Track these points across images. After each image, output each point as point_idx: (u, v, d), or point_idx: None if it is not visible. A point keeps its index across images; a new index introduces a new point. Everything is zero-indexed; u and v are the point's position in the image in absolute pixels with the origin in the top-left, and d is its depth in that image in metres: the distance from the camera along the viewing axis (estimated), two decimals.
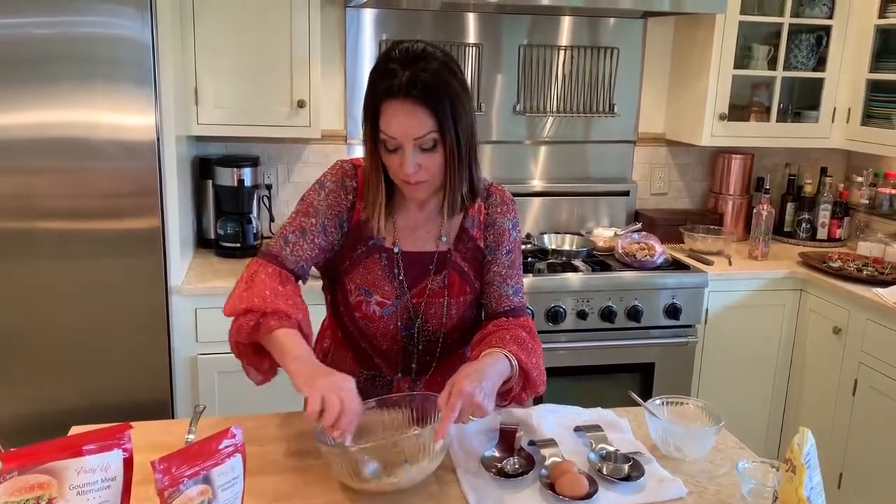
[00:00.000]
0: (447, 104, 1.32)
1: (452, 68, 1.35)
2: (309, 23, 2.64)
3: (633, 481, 1.32)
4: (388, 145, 1.36)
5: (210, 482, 1.04)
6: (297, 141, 3.01)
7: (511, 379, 1.40)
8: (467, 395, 1.25)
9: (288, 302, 1.37)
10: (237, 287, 1.43)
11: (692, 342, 2.84)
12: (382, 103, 1.33)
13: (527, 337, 1.47)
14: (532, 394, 1.48)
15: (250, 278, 1.42)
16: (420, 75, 1.30)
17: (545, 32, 3.14)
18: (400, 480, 1.23)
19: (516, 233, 1.56)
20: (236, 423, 1.14)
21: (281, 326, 1.34)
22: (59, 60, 2.14)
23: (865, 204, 3.26)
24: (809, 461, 1.14)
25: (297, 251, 1.45)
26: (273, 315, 1.35)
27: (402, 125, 1.32)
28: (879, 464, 2.61)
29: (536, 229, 3.24)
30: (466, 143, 1.37)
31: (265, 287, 1.38)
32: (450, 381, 1.30)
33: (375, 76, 1.35)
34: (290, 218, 1.49)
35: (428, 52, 1.34)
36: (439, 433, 1.22)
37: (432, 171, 1.37)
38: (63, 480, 0.98)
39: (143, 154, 2.25)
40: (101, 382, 2.35)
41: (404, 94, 1.30)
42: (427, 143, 1.34)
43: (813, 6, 3.07)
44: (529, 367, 1.43)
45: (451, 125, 1.33)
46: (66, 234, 2.25)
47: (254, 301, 1.36)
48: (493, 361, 1.37)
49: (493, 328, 1.50)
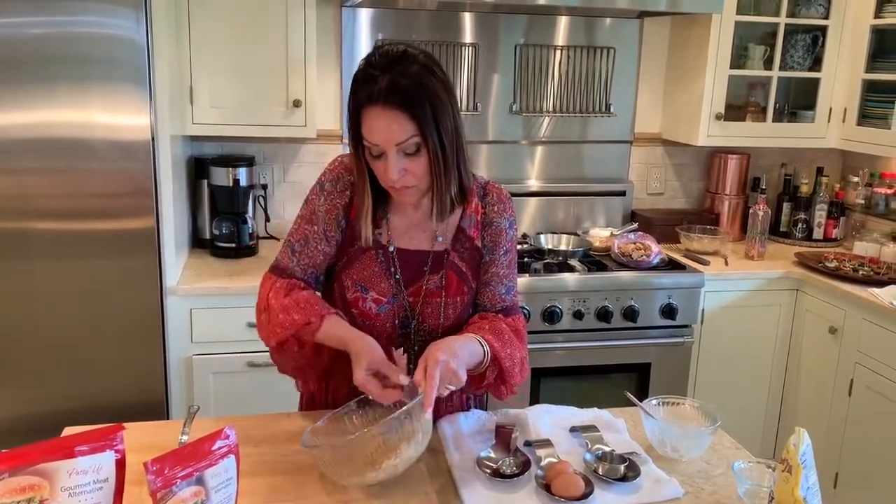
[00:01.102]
0: (427, 108, 1.32)
1: (433, 69, 1.34)
2: (305, 22, 2.64)
3: (629, 482, 1.31)
4: (373, 151, 1.36)
5: (203, 483, 1.03)
6: (292, 141, 3.01)
7: (483, 363, 1.40)
8: (442, 362, 1.27)
9: (300, 306, 1.41)
10: (259, 316, 1.48)
11: (688, 342, 2.84)
12: (363, 110, 1.33)
13: (506, 329, 1.48)
14: (508, 388, 1.47)
15: (267, 306, 1.45)
16: (399, 81, 1.30)
17: (541, 32, 3.13)
18: (403, 458, 1.23)
19: (513, 232, 1.56)
20: (230, 423, 1.13)
21: (314, 332, 1.39)
22: (53, 60, 2.13)
23: (861, 204, 3.26)
24: (806, 461, 1.14)
25: (304, 261, 1.49)
26: (301, 331, 1.39)
27: (383, 132, 1.32)
28: (875, 463, 2.61)
29: (533, 229, 3.24)
30: (451, 145, 1.37)
31: (278, 311, 1.42)
32: (422, 357, 1.31)
33: (356, 82, 1.35)
34: (296, 223, 1.51)
35: (408, 54, 1.33)
36: (426, 404, 1.23)
37: (418, 176, 1.37)
38: (55, 482, 0.98)
39: (137, 154, 2.24)
40: (95, 383, 2.34)
41: (384, 100, 1.30)
42: (410, 147, 1.33)
43: (809, 6, 3.07)
44: (502, 356, 1.42)
45: (433, 128, 1.33)
46: (61, 234, 2.24)
47: (277, 332, 1.41)
48: (463, 339, 1.39)
49: (476, 319, 1.52)
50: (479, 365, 1.40)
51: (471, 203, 1.51)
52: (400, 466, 1.23)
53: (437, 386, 1.25)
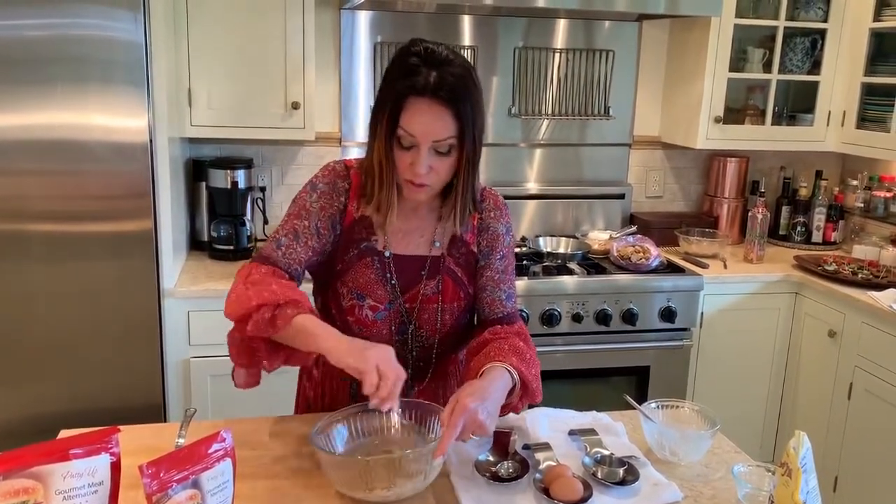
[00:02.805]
0: (470, 111, 1.32)
1: (474, 76, 1.35)
2: (303, 24, 2.63)
3: (628, 485, 1.31)
4: (403, 142, 1.34)
5: (199, 487, 1.03)
6: (291, 143, 3.00)
7: (513, 392, 1.40)
8: (471, 412, 1.24)
9: (296, 291, 1.35)
10: (235, 289, 1.38)
11: (687, 345, 2.83)
12: (407, 99, 1.31)
13: (524, 347, 1.47)
14: (528, 402, 1.47)
15: (247, 277, 1.39)
16: (447, 78, 1.30)
17: (540, 35, 3.13)
18: (398, 492, 1.21)
19: (510, 237, 1.55)
20: (227, 426, 1.13)
21: (298, 313, 1.31)
22: (51, 62, 2.13)
23: (860, 207, 3.26)
24: (805, 465, 1.13)
25: (289, 254, 1.43)
26: (287, 305, 1.31)
27: (426, 125, 1.31)
28: (875, 467, 2.60)
29: (531, 232, 3.24)
30: (479, 152, 1.38)
31: (269, 283, 1.35)
32: (453, 396, 1.29)
33: (398, 71, 1.33)
34: (283, 221, 1.47)
35: (451, 57, 1.33)
36: (439, 450, 1.21)
37: (442, 176, 1.37)
38: (49, 485, 0.97)
39: (135, 156, 2.23)
40: (92, 386, 2.33)
41: (431, 93, 1.29)
42: (443, 147, 1.33)
43: (808, 9, 3.07)
44: (529, 378, 1.42)
45: (471, 131, 1.33)
46: (58, 236, 2.23)
47: (263, 295, 1.32)
48: (496, 377, 1.35)
49: (489, 336, 1.49)
50: (510, 395, 1.39)
51: (475, 212, 1.51)
52: (391, 497, 1.22)
53: (458, 434, 1.23)
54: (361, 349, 1.26)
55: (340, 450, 1.30)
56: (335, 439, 1.31)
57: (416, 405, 1.37)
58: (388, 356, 1.26)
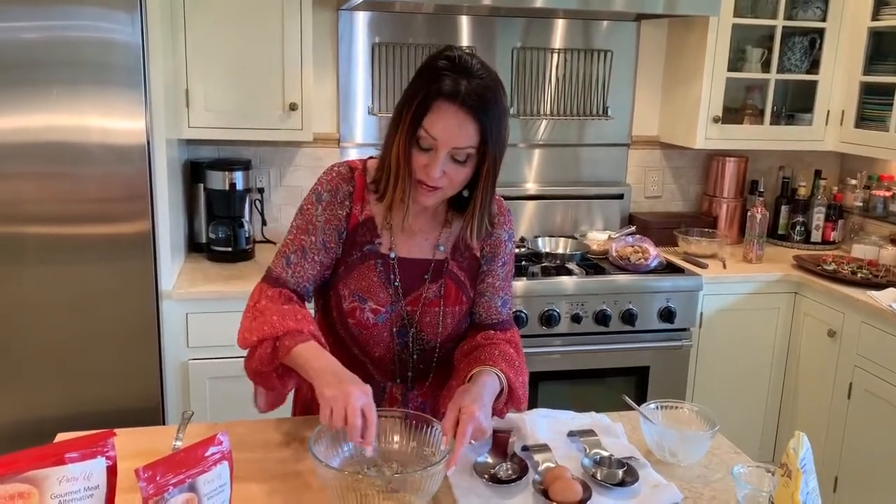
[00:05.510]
0: (493, 125, 1.32)
1: (502, 90, 1.36)
2: (301, 25, 2.63)
3: (628, 487, 1.30)
4: (423, 143, 1.34)
5: (196, 490, 1.02)
6: (289, 144, 3.00)
7: (500, 397, 1.41)
8: (477, 420, 1.26)
9: (297, 317, 1.37)
10: (244, 318, 1.43)
11: (686, 346, 2.83)
12: (435, 101, 1.31)
13: (514, 354, 1.48)
14: (513, 408, 1.49)
15: (255, 305, 1.42)
16: (476, 89, 1.30)
17: (539, 35, 3.13)
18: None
19: (512, 244, 1.56)
20: (225, 429, 1.12)
21: (296, 343, 1.34)
22: (48, 64, 2.12)
23: (859, 206, 3.26)
24: (805, 466, 1.13)
25: (298, 272, 1.45)
26: (286, 336, 1.34)
27: (450, 130, 1.31)
28: (875, 467, 2.60)
29: (530, 233, 3.23)
30: (499, 166, 1.38)
31: (271, 313, 1.38)
32: (452, 403, 1.30)
33: (429, 73, 1.33)
34: (291, 234, 1.47)
35: (483, 70, 1.34)
36: (451, 462, 1.21)
37: (455, 183, 1.37)
38: (44, 489, 0.96)
39: (133, 158, 2.23)
40: (90, 389, 2.32)
41: (462, 101, 1.30)
42: (461, 155, 1.33)
43: (806, 9, 3.07)
44: (516, 385, 1.44)
45: (494, 145, 1.34)
46: (56, 239, 2.23)
47: (264, 330, 1.36)
48: (487, 382, 1.37)
49: (482, 340, 1.51)
50: (497, 400, 1.41)
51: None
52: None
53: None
54: (335, 382, 1.27)
55: (338, 461, 1.29)
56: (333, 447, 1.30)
57: (414, 416, 1.37)
58: (356, 397, 1.23)
